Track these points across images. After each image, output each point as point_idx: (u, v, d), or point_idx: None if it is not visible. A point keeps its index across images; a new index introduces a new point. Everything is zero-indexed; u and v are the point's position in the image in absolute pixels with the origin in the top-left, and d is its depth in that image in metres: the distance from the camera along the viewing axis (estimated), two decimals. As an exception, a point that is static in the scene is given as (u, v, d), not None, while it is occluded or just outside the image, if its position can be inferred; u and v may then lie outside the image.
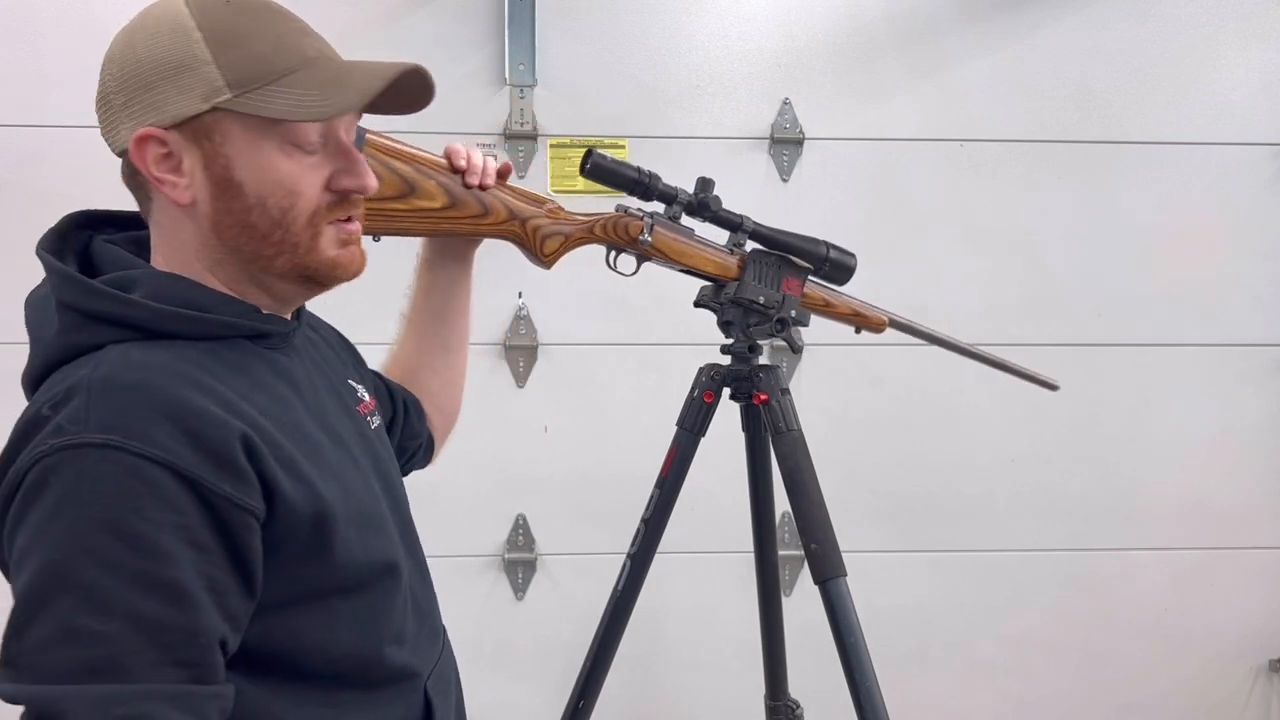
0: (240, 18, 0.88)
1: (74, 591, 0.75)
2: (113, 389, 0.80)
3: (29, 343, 0.90)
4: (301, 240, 0.90)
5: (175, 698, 0.76)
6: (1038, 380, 1.66)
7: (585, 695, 1.56)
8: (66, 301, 0.87)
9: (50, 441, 0.78)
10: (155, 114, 0.87)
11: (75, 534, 0.76)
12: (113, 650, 0.75)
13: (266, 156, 0.88)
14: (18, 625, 0.76)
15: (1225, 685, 2.49)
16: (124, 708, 0.74)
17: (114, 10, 2.25)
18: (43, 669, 0.75)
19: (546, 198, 1.35)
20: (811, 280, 1.48)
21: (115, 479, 0.76)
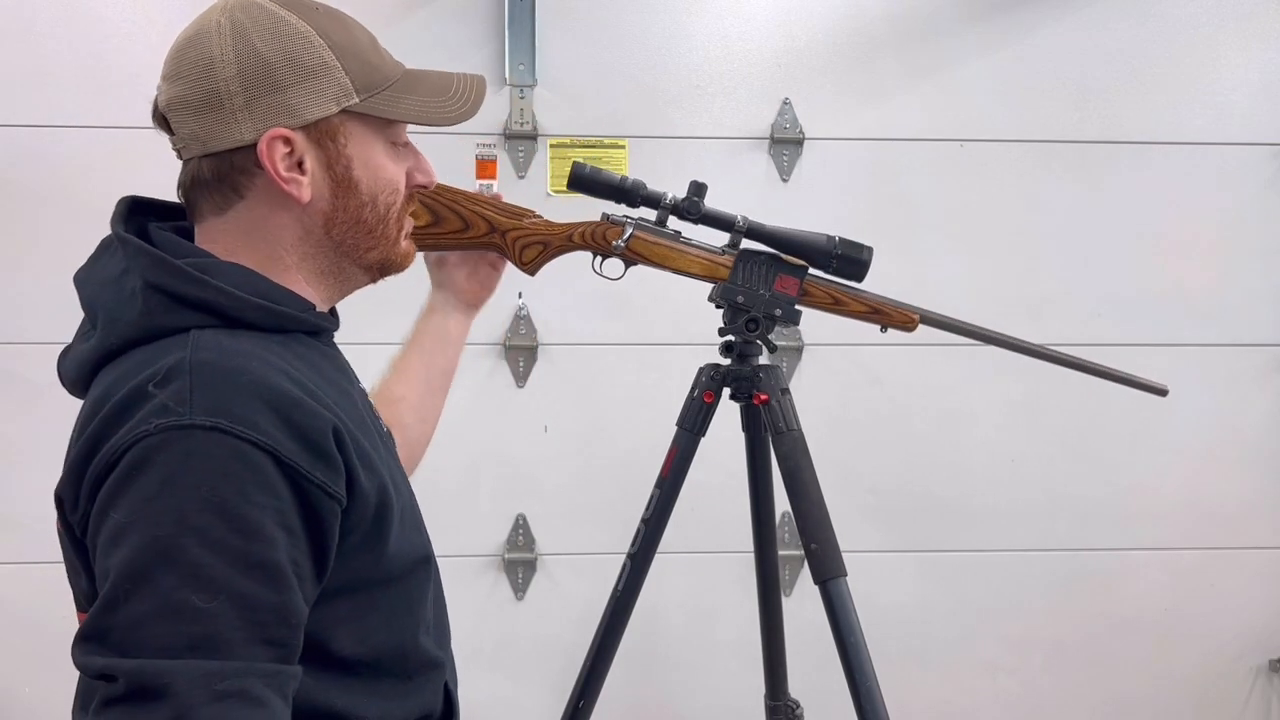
0: (336, 24, 0.93)
1: (178, 568, 0.76)
2: (216, 373, 0.82)
3: (96, 322, 0.91)
4: (392, 233, 0.98)
5: (268, 676, 0.78)
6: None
7: (585, 695, 1.56)
8: (156, 283, 0.88)
9: (155, 420, 0.79)
10: (287, 116, 0.90)
11: (181, 512, 0.77)
12: (213, 627, 0.76)
13: (378, 157, 0.95)
14: (113, 599, 0.77)
15: (1225, 685, 2.49)
16: (226, 683, 0.76)
17: (114, 10, 2.28)
18: (142, 643, 0.76)
19: (529, 210, 1.39)
20: (819, 277, 1.46)
21: (221, 461, 0.78)
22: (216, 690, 0.75)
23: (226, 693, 0.76)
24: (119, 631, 0.77)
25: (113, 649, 0.76)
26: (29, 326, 2.20)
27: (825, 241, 1.42)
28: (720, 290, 1.45)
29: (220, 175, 0.92)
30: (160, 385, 0.81)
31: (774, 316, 1.44)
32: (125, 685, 0.75)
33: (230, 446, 0.79)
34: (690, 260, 1.43)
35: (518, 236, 1.38)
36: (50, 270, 2.19)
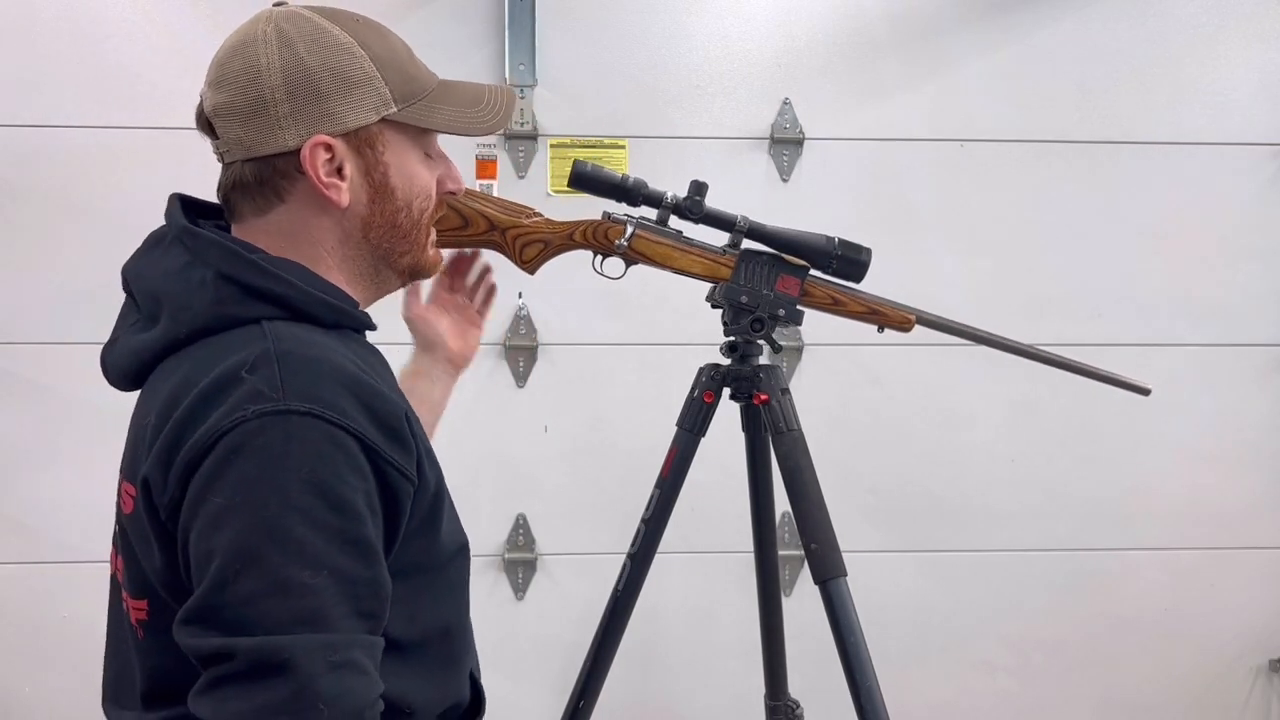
0: (379, 37, 0.98)
1: (285, 546, 0.80)
2: (302, 361, 0.86)
3: (157, 312, 0.94)
4: (423, 239, 1.02)
5: (367, 646, 0.83)
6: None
7: (585, 695, 1.56)
8: (230, 274, 0.91)
9: (251, 406, 0.82)
10: (329, 123, 0.93)
11: (284, 493, 0.81)
12: (319, 602, 0.80)
13: (413, 165, 0.99)
14: (222, 580, 0.80)
15: (1225, 685, 2.49)
16: (339, 654, 0.80)
17: (114, 10, 2.28)
18: (255, 620, 0.79)
19: (529, 208, 1.39)
20: (819, 278, 1.47)
21: (317, 444, 0.82)
22: (331, 661, 0.79)
23: (340, 663, 0.80)
24: (231, 610, 0.80)
25: (226, 628, 0.79)
26: (29, 326, 2.21)
27: (825, 242, 1.43)
28: (723, 290, 1.45)
29: (262, 179, 0.95)
30: (251, 372, 0.84)
31: (777, 316, 1.45)
32: (245, 662, 0.78)
33: (324, 431, 0.83)
34: (692, 260, 1.44)
35: (518, 235, 1.38)
36: (50, 270, 2.20)
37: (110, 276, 2.43)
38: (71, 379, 2.22)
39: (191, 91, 2.43)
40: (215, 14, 2.18)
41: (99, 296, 2.19)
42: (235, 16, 2.40)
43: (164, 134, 2.19)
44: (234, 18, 2.40)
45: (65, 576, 2.26)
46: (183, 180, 2.33)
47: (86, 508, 2.25)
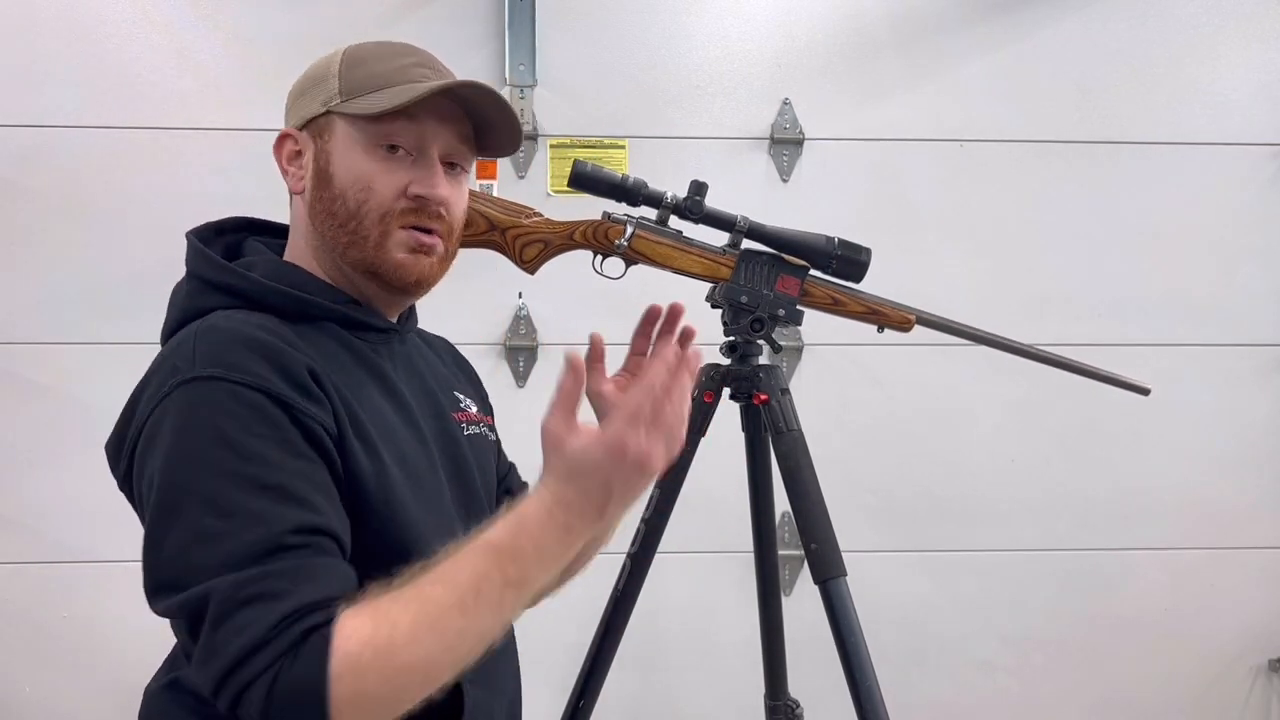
0: (379, 48, 1.06)
1: (197, 500, 0.86)
2: (212, 334, 0.94)
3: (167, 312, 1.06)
4: (371, 235, 1.02)
5: (290, 573, 0.85)
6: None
7: (585, 695, 1.56)
8: (194, 271, 1.04)
9: (170, 381, 0.91)
10: (294, 117, 1.07)
11: (194, 451, 0.87)
12: (234, 544, 0.84)
13: (354, 155, 1.02)
14: (154, 541, 0.88)
15: (1225, 685, 2.49)
16: (250, 588, 0.83)
17: (114, 10, 2.28)
18: (184, 572, 0.85)
19: (528, 208, 1.39)
20: (819, 278, 1.47)
21: (222, 402, 0.89)
22: (242, 596, 0.83)
23: (252, 596, 0.83)
24: (166, 568, 0.86)
25: (166, 589, 0.86)
26: (29, 326, 2.21)
27: (825, 242, 1.43)
28: (723, 290, 1.45)
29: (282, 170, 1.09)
30: (172, 353, 0.94)
31: (777, 317, 1.45)
32: (184, 616, 0.85)
33: (227, 390, 0.89)
34: (692, 260, 1.44)
35: (518, 235, 1.39)
36: (50, 270, 2.20)
37: (110, 276, 2.44)
38: (71, 379, 2.22)
39: (191, 91, 2.43)
40: (215, 14, 2.18)
41: (99, 296, 2.21)
42: (235, 16, 2.41)
43: (164, 134, 2.19)
44: (234, 18, 2.41)
45: (65, 576, 2.26)
46: (182, 180, 2.35)
47: (86, 508, 2.25)
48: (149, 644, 2.48)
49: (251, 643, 0.81)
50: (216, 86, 2.19)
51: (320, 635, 0.82)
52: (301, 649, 0.81)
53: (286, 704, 0.81)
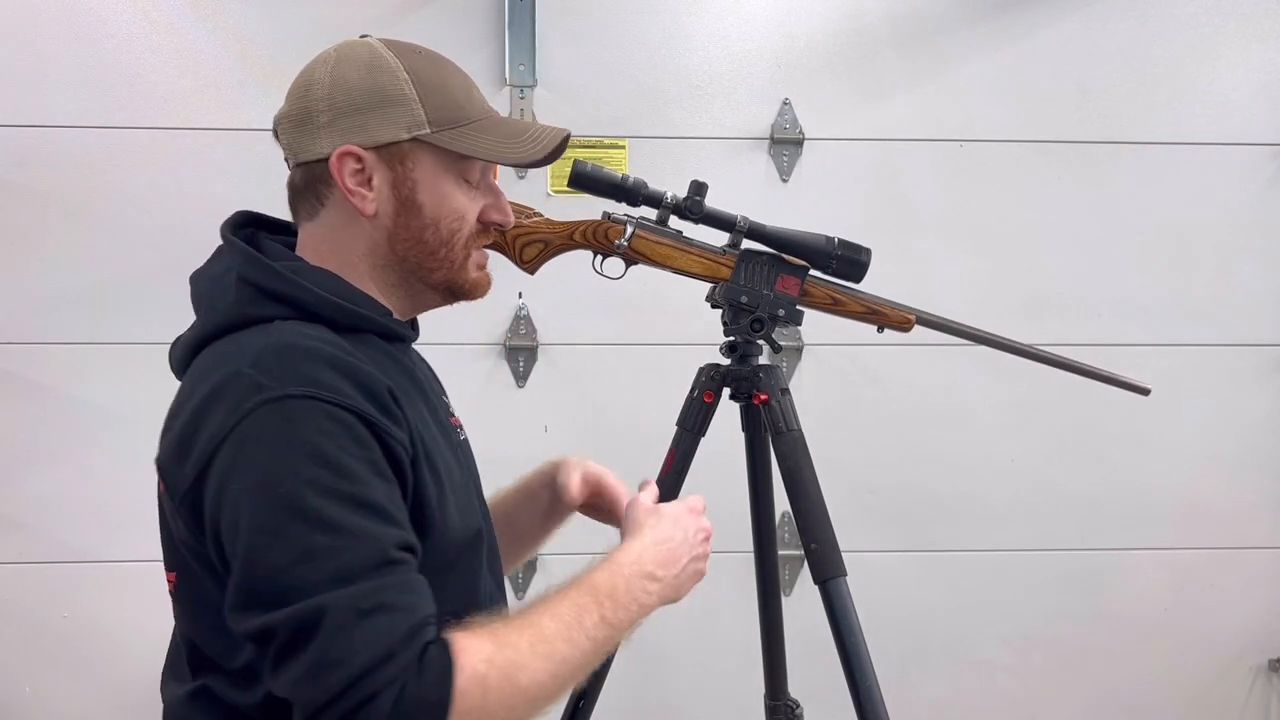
0: (433, 67, 1.05)
1: (303, 517, 0.86)
2: (297, 351, 0.93)
3: (197, 313, 1.04)
4: (457, 259, 1.07)
5: (399, 586, 0.88)
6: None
7: (585, 695, 1.56)
8: (248, 278, 1.00)
9: (254, 398, 0.89)
10: (359, 135, 1.01)
11: (294, 470, 0.87)
12: (342, 560, 0.86)
13: (446, 186, 1.04)
14: (253, 560, 0.87)
15: (1225, 685, 2.49)
16: (368, 601, 0.85)
17: (114, 10, 2.28)
18: (289, 589, 0.85)
19: (529, 208, 1.39)
20: (819, 278, 1.47)
21: (317, 422, 0.89)
22: (361, 609, 0.84)
23: (371, 609, 0.85)
24: (265, 586, 0.86)
25: (265, 605, 0.85)
26: (29, 326, 2.21)
27: (825, 243, 1.43)
28: (723, 290, 1.45)
29: (307, 183, 1.05)
30: (252, 367, 0.91)
31: (777, 317, 1.45)
32: (287, 631, 0.84)
33: (321, 409, 0.89)
34: (692, 260, 1.44)
35: (518, 235, 1.39)
36: (50, 270, 2.20)
37: (110, 276, 2.44)
38: (71, 379, 2.22)
39: (191, 91, 2.44)
40: (215, 14, 2.18)
41: (98, 297, 2.21)
42: (235, 16, 2.41)
43: (164, 134, 2.19)
44: (234, 18, 2.41)
45: (65, 576, 2.26)
46: (182, 180, 2.35)
47: (86, 508, 2.25)
48: (149, 644, 2.48)
49: (382, 653, 0.83)
50: (216, 86, 2.19)
51: (441, 650, 0.87)
52: (426, 662, 0.85)
53: (410, 717, 0.83)
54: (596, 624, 0.97)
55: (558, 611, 0.95)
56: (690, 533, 1.10)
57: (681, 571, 1.08)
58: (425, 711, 0.84)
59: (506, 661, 0.88)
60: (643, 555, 1.05)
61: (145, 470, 2.43)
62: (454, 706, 0.84)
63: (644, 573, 1.04)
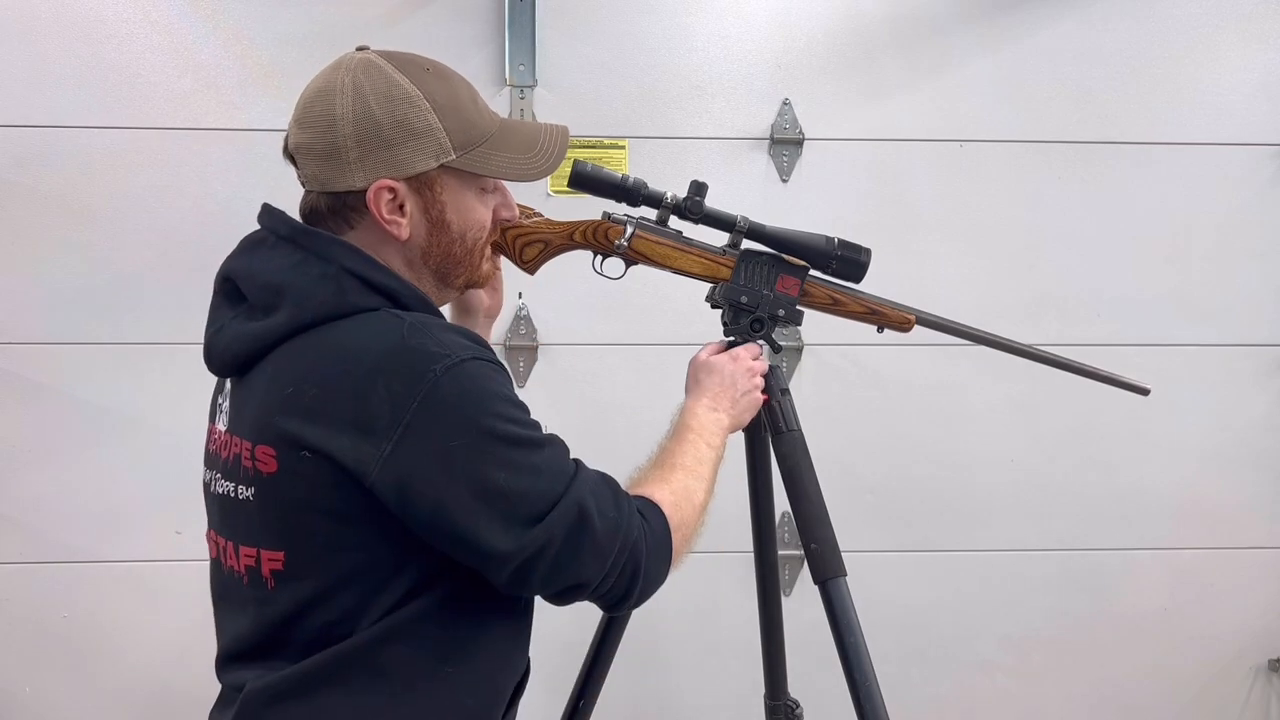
0: (444, 86, 1.10)
1: (522, 445, 1.04)
2: (436, 325, 1.06)
3: (274, 303, 1.07)
4: (477, 261, 1.17)
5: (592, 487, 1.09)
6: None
7: (585, 695, 1.56)
8: (356, 270, 1.07)
9: (434, 366, 1.00)
10: (392, 169, 1.08)
11: (494, 413, 1.02)
12: (559, 462, 1.07)
13: (469, 201, 1.13)
14: (499, 493, 1.01)
15: (1225, 685, 2.49)
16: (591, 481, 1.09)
17: (114, 10, 2.28)
18: (543, 499, 1.03)
19: (529, 208, 1.39)
20: (819, 278, 1.47)
21: (489, 374, 1.04)
22: (594, 489, 1.08)
23: (596, 483, 1.09)
24: (524, 507, 1.02)
25: (530, 522, 1.02)
26: (28, 326, 2.21)
27: (825, 243, 1.42)
28: (723, 291, 1.45)
29: (335, 210, 1.11)
30: (412, 340, 1.02)
31: (777, 317, 1.45)
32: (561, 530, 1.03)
33: (486, 367, 1.04)
34: (692, 260, 1.44)
35: (518, 235, 1.39)
36: (50, 270, 2.20)
37: (110, 276, 2.44)
38: (71, 379, 2.22)
39: (191, 91, 2.43)
40: (215, 14, 2.18)
41: (99, 296, 2.21)
42: (235, 16, 2.41)
43: (164, 134, 2.19)
44: (234, 18, 2.41)
45: (65, 576, 2.26)
46: (182, 180, 2.35)
47: (86, 508, 2.25)
48: (149, 644, 2.49)
49: (622, 508, 1.09)
50: (216, 86, 2.19)
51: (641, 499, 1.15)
52: (641, 507, 1.13)
53: (656, 549, 1.11)
54: (705, 449, 1.28)
55: (680, 451, 1.26)
56: (740, 375, 1.38)
57: (736, 404, 1.37)
58: (663, 541, 1.12)
59: (681, 488, 1.19)
60: (705, 401, 1.35)
61: (145, 470, 2.44)
62: (670, 523, 1.14)
63: (711, 410, 1.34)
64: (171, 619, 2.26)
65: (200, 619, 1.23)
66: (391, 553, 1.04)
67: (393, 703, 1.05)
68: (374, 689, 1.05)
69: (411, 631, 1.06)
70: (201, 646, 1.15)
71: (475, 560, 1.03)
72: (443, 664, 1.07)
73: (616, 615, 1.13)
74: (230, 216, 2.18)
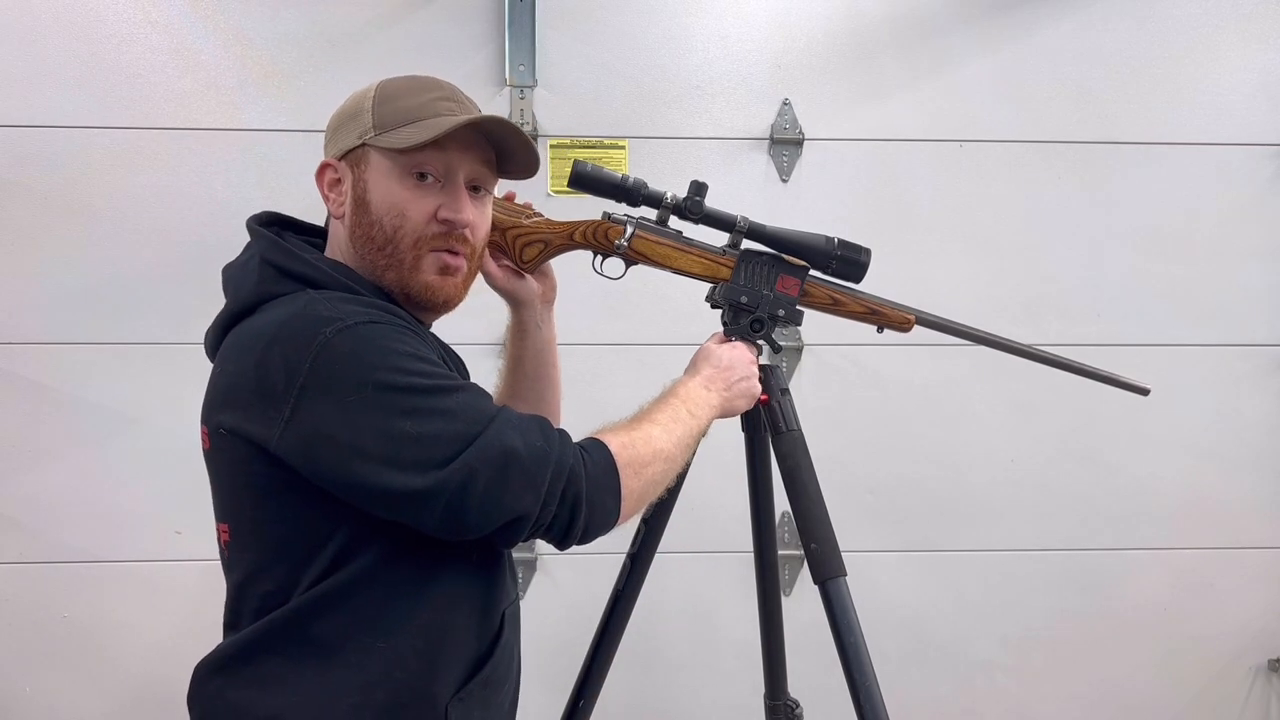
0: (408, 84, 1.16)
1: (426, 392, 1.02)
2: (341, 297, 1.07)
3: (227, 299, 1.15)
4: (406, 259, 1.14)
5: (516, 424, 1.07)
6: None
7: (585, 695, 1.56)
8: (271, 260, 1.12)
9: (324, 330, 1.01)
10: (333, 148, 1.18)
11: (393, 364, 1.02)
12: (474, 404, 1.05)
13: (389, 183, 1.14)
14: (405, 439, 1.00)
15: (1225, 685, 2.49)
16: (512, 419, 1.06)
17: (114, 10, 2.27)
18: (455, 441, 1.02)
19: (529, 208, 1.38)
20: (819, 278, 1.47)
21: (385, 332, 1.04)
22: (514, 425, 1.06)
23: (517, 420, 1.07)
24: (435, 449, 1.01)
25: (444, 463, 1.01)
26: (29, 326, 2.21)
27: (825, 243, 1.42)
28: (723, 291, 1.45)
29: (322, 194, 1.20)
30: (308, 311, 1.04)
31: (777, 317, 1.45)
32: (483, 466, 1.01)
33: (386, 327, 1.05)
34: (692, 260, 1.44)
35: (518, 235, 1.39)
36: (50, 270, 2.20)
37: (110, 276, 2.44)
38: (71, 379, 2.22)
39: (191, 91, 2.43)
40: (215, 14, 2.18)
41: (99, 296, 2.21)
42: (235, 16, 2.41)
43: (164, 134, 2.19)
44: (234, 18, 2.41)
45: (65, 576, 2.26)
46: (182, 180, 2.35)
47: (86, 508, 2.25)
48: (148, 644, 2.49)
49: (553, 440, 1.07)
50: (216, 86, 2.19)
51: (582, 437, 1.13)
52: (582, 442, 1.12)
53: (598, 479, 1.09)
54: (687, 415, 1.26)
55: (656, 409, 1.25)
56: (739, 363, 1.37)
57: (731, 387, 1.35)
58: (606, 471, 1.10)
59: (637, 435, 1.17)
60: (699, 379, 1.35)
61: (145, 470, 2.44)
62: (617, 458, 1.11)
63: (705, 386, 1.33)
64: (171, 619, 2.26)
65: (201, 619, 1.23)
66: (315, 523, 1.06)
67: (320, 671, 1.07)
68: (304, 657, 1.07)
69: (341, 602, 1.07)
70: (201, 646, 1.15)
71: (400, 511, 1.03)
72: (372, 635, 1.08)
73: (569, 548, 1.09)
74: (230, 217, 2.18)
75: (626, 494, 1.11)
